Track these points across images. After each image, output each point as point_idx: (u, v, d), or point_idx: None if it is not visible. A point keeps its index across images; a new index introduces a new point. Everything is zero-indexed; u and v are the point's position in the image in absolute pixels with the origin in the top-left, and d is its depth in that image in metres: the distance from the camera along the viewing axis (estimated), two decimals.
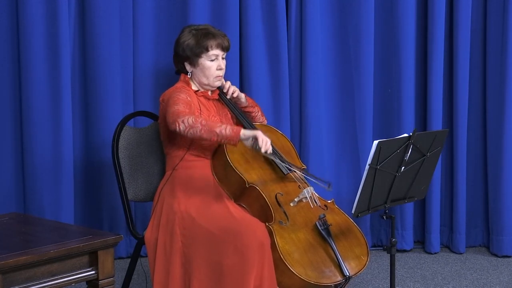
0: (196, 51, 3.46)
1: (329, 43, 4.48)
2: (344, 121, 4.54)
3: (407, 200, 3.40)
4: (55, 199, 4.04)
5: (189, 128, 3.19)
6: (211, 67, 3.48)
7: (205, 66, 3.48)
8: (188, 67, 3.51)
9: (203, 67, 3.48)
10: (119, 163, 3.56)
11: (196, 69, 3.50)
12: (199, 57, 3.47)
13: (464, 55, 4.51)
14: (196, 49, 3.46)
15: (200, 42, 3.45)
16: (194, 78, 3.53)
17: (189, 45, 3.46)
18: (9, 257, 2.54)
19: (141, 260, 3.70)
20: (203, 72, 3.49)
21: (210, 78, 3.50)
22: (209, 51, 3.46)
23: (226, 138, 3.17)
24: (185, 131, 3.20)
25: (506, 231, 4.56)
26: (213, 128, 3.17)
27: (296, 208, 3.34)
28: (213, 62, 3.48)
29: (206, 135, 3.18)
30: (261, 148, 3.15)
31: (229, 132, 3.16)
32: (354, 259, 3.28)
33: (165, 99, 3.42)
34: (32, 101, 3.99)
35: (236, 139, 3.16)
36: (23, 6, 3.93)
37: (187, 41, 3.47)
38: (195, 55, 3.47)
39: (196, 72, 3.50)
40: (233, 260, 3.10)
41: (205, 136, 3.18)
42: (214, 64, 3.48)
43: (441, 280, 4.16)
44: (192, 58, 3.48)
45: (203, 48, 3.45)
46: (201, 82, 3.52)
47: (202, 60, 3.47)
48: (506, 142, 4.51)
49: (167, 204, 3.35)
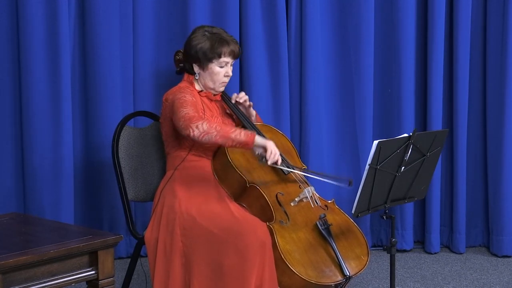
0: (208, 56, 3.45)
1: (329, 43, 4.48)
2: (344, 121, 4.54)
3: (407, 200, 3.40)
4: (55, 199, 4.04)
5: (205, 134, 3.20)
6: (220, 73, 3.48)
7: (214, 71, 3.47)
8: (196, 68, 3.50)
9: (212, 72, 3.48)
10: (119, 163, 3.56)
11: (204, 73, 3.49)
12: (210, 62, 3.46)
13: (464, 55, 4.51)
14: (209, 54, 3.45)
15: (214, 47, 3.44)
16: (200, 80, 3.52)
17: (202, 49, 3.45)
18: (9, 257, 2.54)
19: (141, 260, 3.70)
20: (210, 76, 3.49)
21: (216, 84, 3.50)
22: (221, 58, 3.46)
23: (241, 144, 3.21)
24: (200, 136, 3.21)
25: (506, 231, 4.56)
26: (228, 133, 3.19)
27: (297, 208, 3.34)
28: (222, 68, 3.48)
29: (221, 141, 3.21)
30: (268, 160, 3.22)
31: (243, 137, 3.20)
32: (355, 259, 3.29)
33: (169, 99, 3.42)
34: (32, 101, 3.98)
35: (250, 144, 3.21)
36: (23, 6, 3.93)
37: (201, 44, 3.45)
38: (206, 59, 3.46)
39: (204, 75, 3.50)
40: (234, 260, 3.10)
41: (220, 141, 3.21)
42: (222, 71, 3.48)
43: (441, 280, 4.16)
44: (202, 61, 3.47)
45: (216, 54, 3.45)
46: (206, 85, 3.51)
47: (212, 65, 3.47)
48: (506, 142, 4.51)
49: (167, 204, 3.35)
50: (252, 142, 3.21)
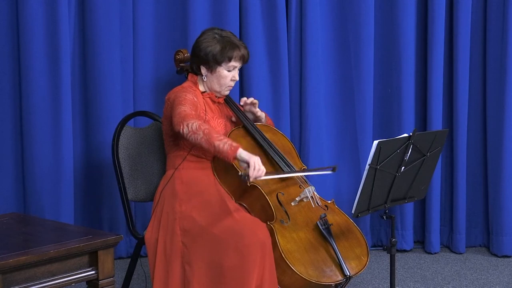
0: (218, 59, 3.44)
1: (329, 43, 4.48)
2: (344, 121, 4.54)
3: (407, 200, 3.40)
4: (55, 199, 4.04)
5: (192, 133, 3.19)
6: (227, 76, 3.47)
7: (222, 75, 3.47)
8: (204, 71, 3.49)
9: (219, 76, 3.47)
10: (119, 163, 3.56)
11: (211, 75, 3.48)
12: (219, 65, 3.45)
13: (464, 55, 4.50)
14: (219, 57, 3.43)
15: (225, 51, 3.43)
16: (206, 82, 3.51)
17: (213, 52, 3.43)
18: (9, 257, 2.54)
19: (141, 260, 3.70)
20: (217, 79, 3.48)
21: (223, 87, 3.50)
22: (230, 62, 3.45)
23: (222, 154, 3.15)
24: (188, 135, 3.20)
25: (506, 231, 4.56)
26: (213, 139, 3.15)
27: (297, 208, 3.34)
28: (230, 72, 3.47)
29: (205, 145, 3.18)
30: (251, 176, 3.11)
31: (226, 148, 3.13)
32: (355, 259, 3.29)
33: (171, 98, 3.41)
34: (32, 101, 3.98)
35: (231, 157, 3.14)
36: (23, 6, 3.93)
37: (211, 47, 3.44)
38: (216, 62, 3.44)
39: (211, 78, 3.49)
40: (234, 261, 3.10)
41: (203, 145, 3.18)
42: (229, 75, 3.47)
43: (441, 280, 4.16)
44: (211, 64, 3.45)
45: (226, 58, 3.44)
46: (212, 88, 3.51)
47: (220, 68, 3.46)
48: (506, 142, 4.51)
49: (167, 205, 3.35)
50: (234, 155, 3.13)
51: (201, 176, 3.41)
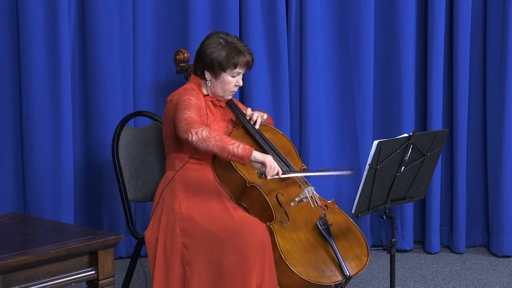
0: (223, 66, 3.42)
1: (329, 43, 4.48)
2: (344, 121, 4.54)
3: (407, 200, 3.40)
4: (55, 199, 4.04)
5: (202, 140, 3.19)
6: (231, 82, 3.46)
7: (226, 80, 3.45)
8: (208, 76, 3.47)
9: (223, 81, 3.46)
10: (119, 163, 3.56)
11: (216, 81, 3.46)
12: (223, 71, 3.44)
13: (464, 55, 4.51)
14: (224, 64, 3.42)
15: (230, 58, 3.41)
16: (210, 87, 3.49)
17: (218, 58, 3.41)
18: (9, 257, 2.54)
19: (141, 260, 3.70)
20: (221, 85, 3.47)
21: (226, 92, 3.49)
22: (235, 68, 3.44)
23: (237, 157, 3.18)
24: (198, 142, 3.20)
25: (506, 231, 4.56)
26: (226, 145, 3.17)
27: (297, 208, 3.34)
28: (234, 78, 3.46)
29: (218, 150, 3.19)
30: (267, 175, 3.19)
31: (241, 151, 3.17)
32: (354, 259, 3.29)
33: (174, 100, 3.40)
34: (32, 101, 3.98)
35: (246, 159, 3.18)
36: (23, 6, 3.93)
37: (217, 53, 3.41)
38: (221, 69, 3.42)
39: (215, 83, 3.47)
40: (234, 261, 3.10)
41: (216, 151, 3.19)
42: (233, 80, 3.46)
43: (441, 280, 4.16)
44: (216, 70, 3.43)
45: (231, 64, 3.42)
46: (215, 92, 3.49)
47: (225, 74, 3.44)
48: (506, 142, 4.51)
49: (167, 205, 3.35)
50: (249, 157, 3.17)
51: (200, 176, 3.40)
